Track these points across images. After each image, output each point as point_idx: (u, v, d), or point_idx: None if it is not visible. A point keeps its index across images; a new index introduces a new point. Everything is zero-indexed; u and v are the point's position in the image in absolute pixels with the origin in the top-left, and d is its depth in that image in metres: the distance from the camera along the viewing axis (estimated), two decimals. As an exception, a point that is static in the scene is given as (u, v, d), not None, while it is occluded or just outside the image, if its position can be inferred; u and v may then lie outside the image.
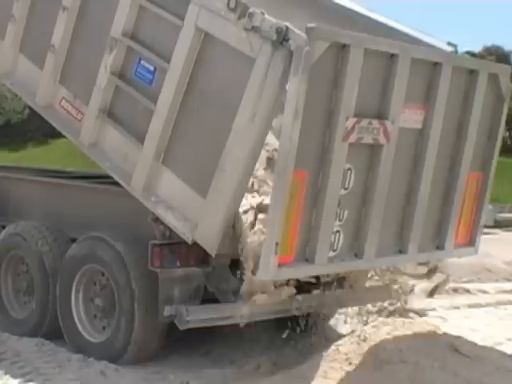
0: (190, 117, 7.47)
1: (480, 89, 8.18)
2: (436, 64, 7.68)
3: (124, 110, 8.08)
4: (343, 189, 7.03)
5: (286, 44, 6.62)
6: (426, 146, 7.74)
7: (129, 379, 7.66)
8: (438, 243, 8.28)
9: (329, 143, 6.81)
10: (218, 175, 7.12)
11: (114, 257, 8.08)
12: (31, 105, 9.21)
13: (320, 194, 6.85)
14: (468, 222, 8.58)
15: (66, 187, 9.77)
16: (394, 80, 7.20)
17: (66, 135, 8.77)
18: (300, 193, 6.66)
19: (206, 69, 7.34)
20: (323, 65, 6.57)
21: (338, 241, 7.12)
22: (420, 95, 7.62)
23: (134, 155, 7.85)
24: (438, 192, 8.07)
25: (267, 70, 6.77)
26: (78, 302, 8.53)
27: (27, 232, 9.25)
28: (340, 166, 6.90)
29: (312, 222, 6.85)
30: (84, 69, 8.40)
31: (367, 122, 7.04)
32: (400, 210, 7.73)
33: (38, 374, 7.80)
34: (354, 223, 7.25)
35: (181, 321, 7.52)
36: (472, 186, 8.46)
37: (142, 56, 7.83)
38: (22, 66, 9.14)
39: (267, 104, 6.86)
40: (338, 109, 6.80)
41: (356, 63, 6.80)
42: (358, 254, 7.33)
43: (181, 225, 7.46)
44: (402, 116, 7.39)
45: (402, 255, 7.84)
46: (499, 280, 13.48)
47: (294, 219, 6.65)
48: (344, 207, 7.09)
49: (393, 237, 7.73)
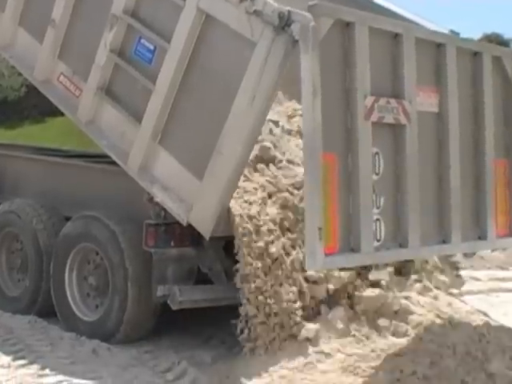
0: (188, 98, 7.45)
1: (487, 71, 8.00)
2: (440, 45, 7.54)
3: (122, 88, 8.05)
4: (375, 174, 6.81)
5: (287, 29, 6.55)
6: (447, 130, 7.53)
7: (121, 358, 7.67)
8: (480, 233, 8.01)
9: (351, 123, 6.62)
10: (214, 158, 7.11)
11: (109, 236, 8.09)
12: (29, 79, 9.18)
13: (353, 179, 6.59)
14: (505, 211, 8.32)
15: (62, 166, 9.79)
16: (403, 60, 7.05)
17: (64, 111, 8.75)
18: (333, 177, 6.43)
19: (207, 51, 7.31)
20: (331, 42, 6.46)
21: (379, 229, 6.87)
22: (430, 77, 7.46)
23: (131, 134, 7.84)
24: (468, 178, 7.84)
25: (268, 54, 6.73)
26: (71, 281, 8.54)
27: (22, 210, 9.26)
28: (367, 148, 6.68)
29: (350, 210, 6.60)
30: (83, 45, 8.38)
31: (385, 101, 6.86)
32: (435, 196, 7.50)
33: (30, 351, 7.81)
34: (392, 211, 7.02)
35: (174, 301, 7.54)
36: (500, 173, 8.22)
37: (143, 35, 7.81)
38: (22, 40, 9.10)
39: (267, 89, 6.84)
40: (355, 87, 6.62)
41: (363, 41, 6.67)
42: (402, 243, 7.08)
43: (176, 206, 7.45)
44: (417, 99, 7.21)
45: (446, 245, 7.59)
46: (492, 268, 13.47)
47: (331, 205, 6.40)
48: (379, 194, 6.86)
49: (435, 226, 7.49)
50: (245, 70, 6.88)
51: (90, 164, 9.48)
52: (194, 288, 7.79)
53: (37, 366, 7.37)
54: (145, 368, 7.46)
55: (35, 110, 38.88)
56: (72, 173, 9.47)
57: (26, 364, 7.45)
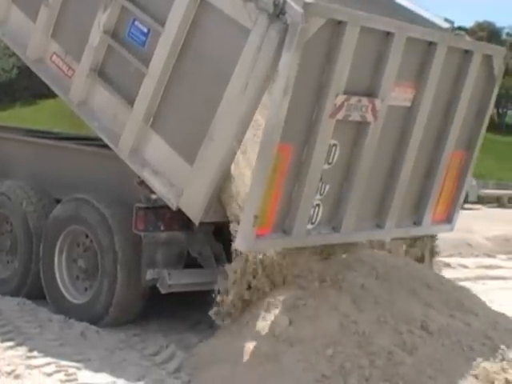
0: (181, 82, 7.44)
1: (473, 69, 8.13)
2: (431, 44, 7.62)
3: (115, 70, 8.03)
4: (327, 163, 7.01)
5: (282, 17, 6.56)
6: (412, 124, 7.71)
7: (109, 341, 7.69)
8: (416, 219, 8.26)
9: (316, 119, 6.78)
10: (206, 143, 7.11)
11: (99, 219, 8.09)
12: (22, 58, 9.15)
13: (303, 168, 6.82)
14: (447, 199, 8.56)
15: (53, 148, 9.75)
16: (388, 58, 7.15)
17: (56, 91, 8.71)
18: (283, 166, 6.63)
19: (201, 35, 7.30)
20: (317, 41, 6.52)
21: (317, 214, 7.10)
22: (412, 74, 7.57)
23: (123, 117, 7.83)
24: (420, 169, 8.05)
25: (262, 42, 6.73)
26: (60, 263, 8.54)
27: (12, 191, 9.24)
28: (325, 141, 6.87)
29: (293, 195, 6.83)
30: (77, 25, 8.34)
31: (356, 100, 7.00)
32: (381, 186, 7.71)
33: (19, 333, 7.80)
34: (334, 197, 7.22)
35: (163, 284, 7.56)
36: (454, 164, 8.43)
37: (137, 17, 7.78)
38: (15, 17, 9.04)
39: (260, 76, 6.83)
40: (329, 86, 6.75)
41: (350, 40, 6.75)
42: (335, 227, 7.31)
43: (166, 190, 7.45)
44: (392, 94, 7.34)
45: (379, 230, 7.83)
46: (479, 255, 13.56)
47: (274, 192, 6.63)
48: (326, 181, 7.08)
49: (371, 212, 7.71)
50: (238, 56, 6.88)
51: (80, 146, 9.44)
52: (184, 272, 7.80)
53: (25, 347, 7.36)
54: (133, 351, 7.48)
55: (27, 92, 38.94)
56: (63, 155, 9.43)
57: (15, 346, 7.42)
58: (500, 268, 12.43)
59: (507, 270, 12.64)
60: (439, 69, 7.70)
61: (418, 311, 7.30)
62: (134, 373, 6.84)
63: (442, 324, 7.24)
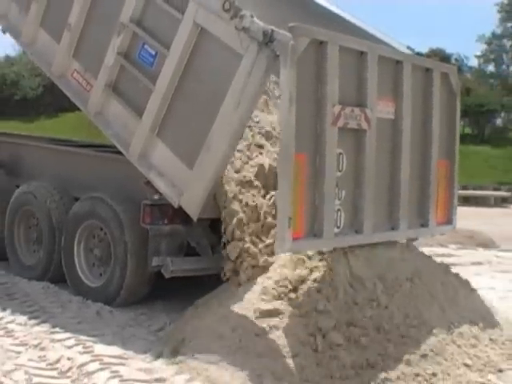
0: (183, 98, 7.40)
1: (436, 85, 8.07)
2: (398, 62, 7.58)
3: (127, 86, 7.99)
4: (338, 171, 6.85)
5: (270, 45, 6.55)
6: (400, 135, 7.59)
7: (120, 319, 7.68)
8: (423, 222, 8.10)
9: (320, 128, 6.66)
10: (204, 151, 7.08)
11: (111, 214, 8.07)
12: (47, 74, 9.11)
13: (319, 176, 6.65)
14: (444, 203, 8.42)
15: (72, 154, 9.75)
16: (367, 74, 7.08)
17: (76, 103, 8.68)
18: (302, 174, 6.48)
19: (201, 58, 7.26)
20: (306, 58, 6.47)
21: (340, 218, 6.93)
22: (389, 89, 7.48)
23: (133, 126, 7.79)
24: (416, 176, 7.91)
25: (253, 66, 6.70)
26: (79, 252, 8.52)
27: (38, 191, 9.23)
28: (333, 149, 6.73)
29: (316, 201, 6.65)
30: (95, 47, 8.29)
31: (350, 110, 6.89)
32: (387, 190, 7.55)
33: (44, 312, 7.82)
34: (351, 202, 7.06)
35: (166, 270, 7.53)
36: (442, 171, 8.30)
37: (146, 41, 7.75)
38: (42, 39, 9.03)
39: (250, 95, 6.81)
40: (325, 97, 6.65)
41: (333, 58, 6.69)
42: (358, 230, 7.13)
43: (169, 190, 7.42)
44: (377, 107, 7.25)
45: (394, 231, 7.64)
46: (434, 245, 13.50)
47: (300, 198, 6.46)
48: (342, 188, 6.91)
49: (386, 215, 7.54)
50: (232, 77, 6.85)
51: (96, 153, 9.45)
52: (184, 259, 7.77)
53: (49, 324, 7.38)
54: (141, 327, 7.47)
55: (50, 106, 38.83)
56: (81, 160, 9.41)
57: (40, 323, 7.45)
58: (452, 256, 12.42)
59: (457, 257, 12.64)
60: (409, 85, 7.63)
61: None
62: (142, 346, 6.84)
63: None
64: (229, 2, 6.83)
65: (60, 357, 6.47)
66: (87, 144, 10.82)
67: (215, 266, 7.33)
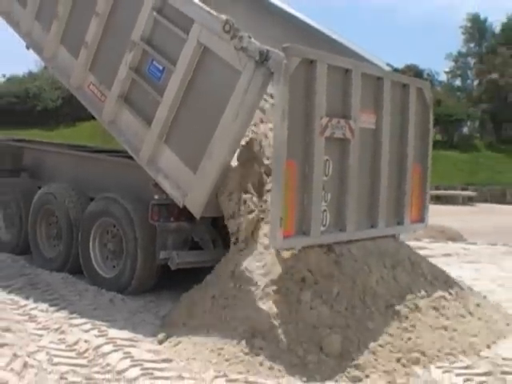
0: (188, 109, 7.36)
1: (412, 99, 8.09)
2: (379, 78, 7.58)
3: (137, 97, 7.95)
4: (325, 176, 6.84)
5: (266, 63, 6.57)
6: (380, 142, 7.58)
7: (131, 306, 7.64)
8: (399, 220, 8.08)
9: (309, 138, 6.65)
10: (206, 157, 7.06)
11: (123, 213, 8.03)
12: (66, 86, 9.06)
13: (307, 180, 6.65)
14: (417, 203, 8.41)
15: (88, 159, 9.73)
16: (351, 89, 7.07)
17: (92, 112, 8.64)
18: (292, 179, 6.48)
19: (203, 74, 7.23)
20: (298, 76, 6.46)
21: (326, 218, 6.92)
22: (371, 102, 7.48)
23: (142, 134, 7.75)
24: (393, 179, 7.90)
25: (250, 82, 6.71)
26: (94, 247, 8.47)
27: (57, 192, 9.19)
28: (320, 156, 6.72)
29: (305, 203, 6.65)
30: (109, 62, 8.24)
31: (336, 121, 6.88)
32: (368, 193, 7.53)
33: (63, 299, 7.79)
34: (335, 204, 7.04)
35: (172, 262, 7.50)
36: (416, 174, 8.30)
37: (154, 58, 7.71)
38: (62, 54, 8.99)
39: (248, 108, 6.82)
40: (313, 110, 6.64)
41: (322, 75, 6.68)
42: (341, 228, 7.12)
43: (174, 191, 7.39)
44: (361, 118, 7.24)
45: (373, 229, 7.62)
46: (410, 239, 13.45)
47: (290, 200, 6.46)
48: (328, 191, 6.90)
49: (366, 215, 7.52)
50: (232, 92, 6.84)
51: (109, 157, 9.42)
52: (188, 253, 7.74)
53: (68, 310, 7.36)
54: (149, 314, 7.44)
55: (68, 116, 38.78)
56: (96, 164, 9.38)
57: (60, 309, 7.43)
58: (425, 249, 12.37)
59: (430, 250, 12.60)
60: (388, 98, 7.64)
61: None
62: (150, 330, 6.84)
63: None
64: (229, 25, 6.82)
65: (78, 339, 6.46)
66: (101, 150, 10.78)
67: (216, 259, 7.28)
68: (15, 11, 9.74)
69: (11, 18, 9.82)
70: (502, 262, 12.23)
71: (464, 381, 5.95)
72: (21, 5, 9.61)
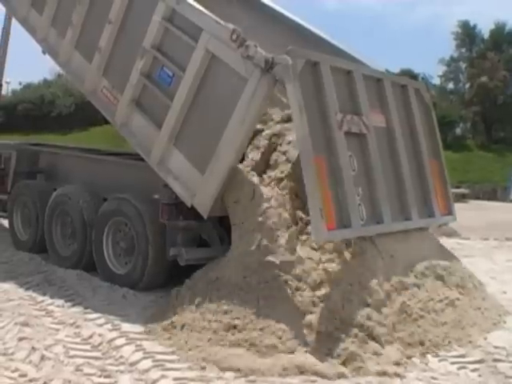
0: (196, 114, 7.33)
1: (412, 99, 8.08)
2: (379, 79, 7.57)
3: (148, 102, 7.91)
4: (352, 171, 6.82)
5: (271, 71, 6.55)
6: (395, 139, 7.56)
7: (143, 301, 7.63)
8: (430, 213, 8.04)
9: (330, 133, 6.63)
10: (213, 160, 7.02)
11: (135, 212, 8.01)
12: (80, 89, 9.04)
13: (338, 176, 6.60)
14: (443, 196, 8.38)
15: (101, 161, 9.71)
16: (357, 87, 7.07)
17: (104, 115, 8.61)
18: (323, 174, 6.43)
19: (211, 80, 7.20)
20: (305, 76, 6.48)
21: (362, 212, 6.86)
22: (376, 102, 7.47)
23: (153, 136, 7.71)
24: (414, 174, 7.87)
25: (256, 88, 6.67)
26: (107, 244, 8.44)
27: (72, 193, 9.17)
28: (344, 151, 6.69)
29: (340, 198, 6.59)
30: (121, 67, 8.21)
31: (350, 117, 6.89)
32: (395, 186, 7.50)
33: (78, 295, 7.78)
34: (368, 198, 6.99)
35: (181, 259, 7.45)
36: (435, 169, 8.28)
37: (165, 64, 7.67)
38: (76, 60, 8.96)
39: (254, 113, 6.80)
40: (327, 107, 6.65)
41: (327, 75, 6.70)
42: (378, 221, 7.07)
43: (183, 192, 7.35)
44: (371, 117, 7.23)
45: (408, 221, 7.57)
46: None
47: (325, 194, 6.40)
48: (358, 185, 6.86)
49: (399, 208, 7.46)
50: (239, 97, 6.81)
51: (121, 160, 9.41)
52: (197, 250, 7.69)
53: (83, 306, 7.36)
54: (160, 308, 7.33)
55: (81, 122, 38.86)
56: (108, 166, 9.37)
57: (75, 304, 7.44)
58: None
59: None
60: (392, 98, 7.62)
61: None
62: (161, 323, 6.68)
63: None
64: (236, 34, 6.79)
65: (92, 333, 6.46)
66: (114, 152, 10.77)
67: (223, 255, 7.25)
68: (32, 18, 9.76)
69: (29, 24, 9.84)
70: (494, 256, 12.32)
71: (458, 368, 5.97)
72: (38, 12, 9.62)
